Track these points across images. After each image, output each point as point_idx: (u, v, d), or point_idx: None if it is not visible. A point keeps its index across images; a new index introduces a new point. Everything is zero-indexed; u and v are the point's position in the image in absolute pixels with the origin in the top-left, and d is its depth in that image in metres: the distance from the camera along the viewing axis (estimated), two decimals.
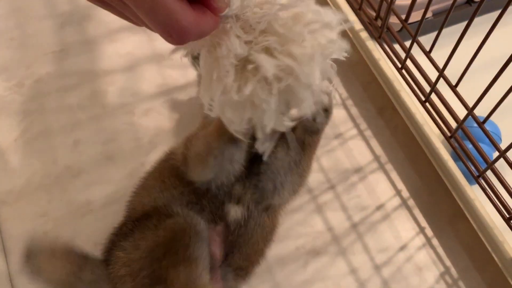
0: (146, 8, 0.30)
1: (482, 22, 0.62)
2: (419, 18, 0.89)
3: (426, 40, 0.77)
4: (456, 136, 0.74)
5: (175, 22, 0.31)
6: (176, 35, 0.32)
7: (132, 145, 0.86)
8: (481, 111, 0.67)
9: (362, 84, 0.95)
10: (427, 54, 0.74)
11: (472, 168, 0.72)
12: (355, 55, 0.92)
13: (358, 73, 0.96)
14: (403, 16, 0.80)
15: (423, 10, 0.89)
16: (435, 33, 0.71)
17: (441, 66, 0.71)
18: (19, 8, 1.00)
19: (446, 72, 0.71)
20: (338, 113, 0.91)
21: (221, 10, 0.36)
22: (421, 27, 0.72)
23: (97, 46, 0.97)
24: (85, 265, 0.61)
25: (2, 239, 0.77)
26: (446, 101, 0.74)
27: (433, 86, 0.73)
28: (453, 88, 0.71)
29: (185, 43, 0.34)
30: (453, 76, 0.71)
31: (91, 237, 0.77)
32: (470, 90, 0.69)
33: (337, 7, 0.91)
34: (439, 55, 0.73)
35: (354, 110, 0.92)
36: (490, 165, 0.67)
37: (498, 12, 0.57)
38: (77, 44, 0.97)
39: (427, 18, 0.90)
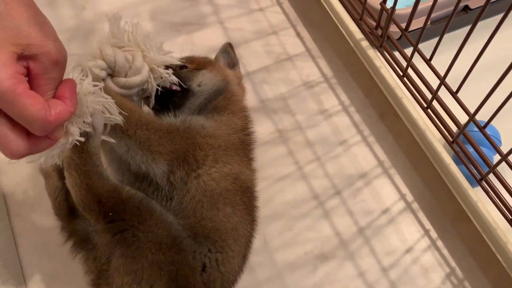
0: None
1: (479, 29, 0.65)
2: (417, 26, 0.92)
3: (425, 47, 0.79)
4: (458, 141, 0.76)
5: (7, 147, 0.41)
6: (9, 155, 0.42)
7: None
8: (480, 115, 0.70)
9: (363, 90, 0.97)
10: (428, 62, 0.76)
11: (475, 171, 0.74)
12: (356, 62, 0.95)
13: (359, 80, 0.98)
14: (402, 25, 0.82)
15: (421, 19, 0.92)
16: (433, 40, 0.73)
17: (440, 71, 0.74)
18: None
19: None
20: (341, 120, 0.94)
21: (57, 138, 0.46)
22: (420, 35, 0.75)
23: None
24: None
25: (17, 252, 0.78)
26: (448, 107, 0.76)
27: (434, 93, 0.75)
28: (454, 94, 0.73)
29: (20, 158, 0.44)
30: (452, 80, 0.73)
31: None
32: (469, 93, 0.72)
33: (338, 18, 0.93)
34: (438, 61, 0.75)
35: (357, 117, 0.94)
36: (493, 169, 0.69)
37: (493, 18, 0.59)
38: None
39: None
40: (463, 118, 0.74)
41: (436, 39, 0.72)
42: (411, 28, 0.90)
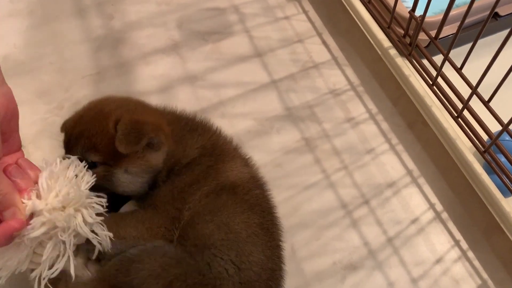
0: None
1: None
2: (445, 34, 0.91)
3: (453, 54, 0.78)
4: (490, 150, 0.75)
5: None
6: None
7: None
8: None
9: (391, 99, 0.97)
10: (459, 71, 0.76)
11: (507, 181, 0.73)
12: (383, 70, 0.94)
13: (386, 88, 0.98)
14: (430, 33, 0.82)
15: (448, 26, 0.91)
16: (461, 48, 0.73)
17: (470, 79, 0.73)
18: (57, 34, 1.04)
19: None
20: (369, 128, 0.93)
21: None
22: (448, 43, 0.74)
23: (132, 68, 1.00)
24: None
25: None
26: (479, 117, 0.75)
27: (465, 103, 0.74)
28: (486, 104, 0.72)
29: None
30: (482, 88, 0.72)
31: None
32: (499, 100, 0.71)
33: (366, 27, 0.93)
34: (467, 68, 0.75)
35: (385, 125, 0.94)
36: None
37: None
38: (113, 67, 1.00)
39: (452, 34, 0.92)
40: (493, 125, 0.73)
41: (464, 46, 0.72)
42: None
